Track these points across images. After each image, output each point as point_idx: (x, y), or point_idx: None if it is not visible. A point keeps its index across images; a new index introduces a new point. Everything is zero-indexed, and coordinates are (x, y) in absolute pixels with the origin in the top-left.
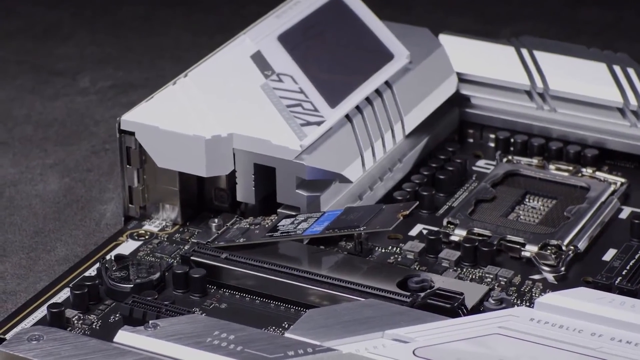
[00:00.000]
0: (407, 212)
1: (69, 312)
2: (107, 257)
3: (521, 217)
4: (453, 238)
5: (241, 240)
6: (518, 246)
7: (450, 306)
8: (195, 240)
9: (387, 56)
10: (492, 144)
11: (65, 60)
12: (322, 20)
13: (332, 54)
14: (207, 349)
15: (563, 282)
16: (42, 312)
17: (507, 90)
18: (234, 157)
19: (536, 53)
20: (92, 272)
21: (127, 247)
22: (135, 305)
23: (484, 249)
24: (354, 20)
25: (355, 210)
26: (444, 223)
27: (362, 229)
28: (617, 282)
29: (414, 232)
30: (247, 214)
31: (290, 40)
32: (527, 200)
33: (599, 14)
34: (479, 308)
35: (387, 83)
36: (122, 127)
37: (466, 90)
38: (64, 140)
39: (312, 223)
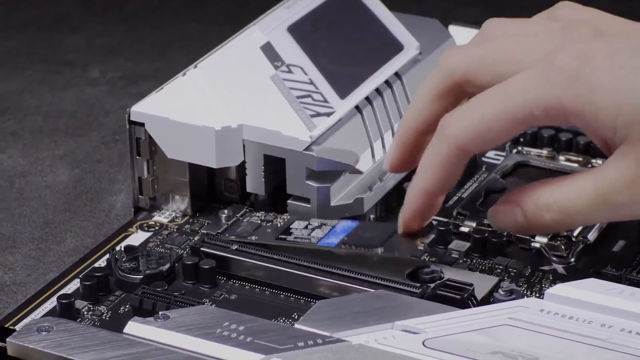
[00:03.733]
0: (425, 238)
1: (79, 303)
2: (117, 248)
3: None
4: (463, 229)
5: (253, 238)
6: (528, 237)
7: (460, 297)
8: (205, 231)
9: (396, 47)
10: None
11: (75, 51)
12: (332, 11)
13: (341, 45)
14: (217, 340)
15: (573, 273)
16: (52, 303)
17: None
18: (243, 148)
19: None
20: (101, 263)
21: (136, 238)
22: (145, 296)
23: (494, 240)
24: (364, 11)
25: (370, 227)
26: (454, 214)
27: (379, 251)
28: (627, 273)
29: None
30: (257, 205)
31: (300, 31)
32: None
33: (610, 4)
34: (488, 299)
35: (396, 74)
36: (131, 118)
37: None
38: (73, 131)
39: (326, 232)
